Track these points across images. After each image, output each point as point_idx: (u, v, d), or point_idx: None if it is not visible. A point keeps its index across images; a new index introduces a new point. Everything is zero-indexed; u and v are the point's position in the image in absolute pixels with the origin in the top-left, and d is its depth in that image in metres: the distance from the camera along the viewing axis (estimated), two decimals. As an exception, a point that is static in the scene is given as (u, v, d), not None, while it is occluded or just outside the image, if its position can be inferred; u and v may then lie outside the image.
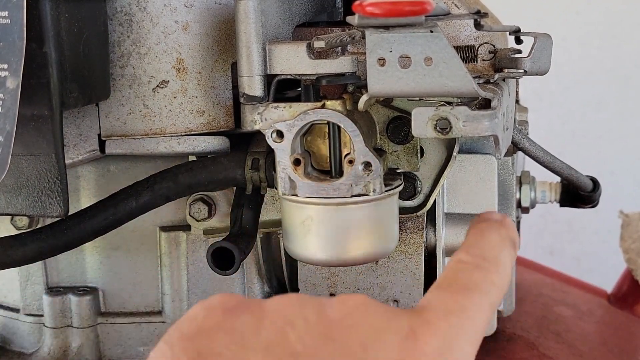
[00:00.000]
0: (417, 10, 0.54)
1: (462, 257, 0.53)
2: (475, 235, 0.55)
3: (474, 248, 0.54)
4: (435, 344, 0.47)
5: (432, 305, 0.50)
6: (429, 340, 0.47)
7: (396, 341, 0.47)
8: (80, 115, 0.68)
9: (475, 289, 0.51)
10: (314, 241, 0.63)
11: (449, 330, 0.48)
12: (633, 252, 1.05)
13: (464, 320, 0.49)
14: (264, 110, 0.63)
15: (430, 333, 0.48)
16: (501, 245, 0.55)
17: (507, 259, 0.54)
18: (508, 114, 0.67)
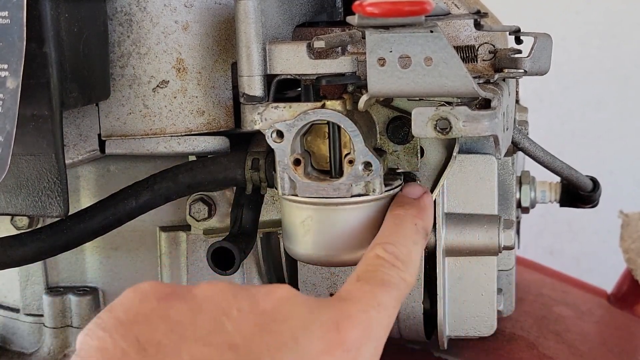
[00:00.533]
0: (417, 10, 0.54)
1: (379, 252, 0.58)
2: (391, 227, 0.60)
3: (390, 245, 0.58)
4: (355, 335, 0.51)
5: (354, 298, 0.54)
6: (350, 331, 0.51)
7: (322, 333, 0.51)
8: (80, 115, 0.68)
9: (391, 286, 0.56)
10: (314, 241, 0.63)
11: (368, 323, 0.53)
12: (633, 252, 1.05)
13: (380, 313, 0.54)
14: (264, 110, 0.63)
15: (351, 325, 0.51)
16: (414, 239, 0.60)
17: (418, 254, 0.60)
18: (508, 114, 0.67)
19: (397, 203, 0.63)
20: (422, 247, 0.61)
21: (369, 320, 0.53)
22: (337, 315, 0.52)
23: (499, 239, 0.72)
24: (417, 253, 0.60)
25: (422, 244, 0.61)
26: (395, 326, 0.76)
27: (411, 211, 0.62)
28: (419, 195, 0.64)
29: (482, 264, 0.74)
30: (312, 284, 0.76)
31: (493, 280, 0.74)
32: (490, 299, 0.74)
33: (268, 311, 0.51)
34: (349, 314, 0.52)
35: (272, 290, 0.52)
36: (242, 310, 0.50)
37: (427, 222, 0.63)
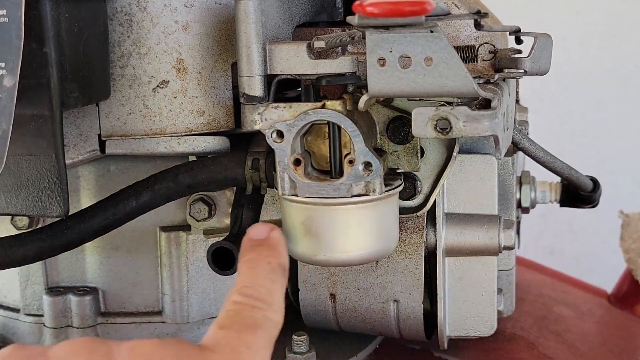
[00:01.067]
0: (417, 11, 0.54)
1: (238, 298, 0.57)
2: (246, 272, 0.59)
3: (247, 288, 0.57)
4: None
5: (220, 345, 0.53)
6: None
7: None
8: (81, 115, 0.68)
9: (256, 327, 0.55)
10: (314, 241, 0.63)
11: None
12: (633, 252, 1.05)
13: (250, 356, 0.53)
14: (264, 110, 0.63)
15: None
16: (272, 278, 0.59)
17: (278, 291, 0.58)
18: (508, 114, 0.67)
19: (246, 248, 0.61)
20: (283, 284, 0.60)
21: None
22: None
23: (499, 239, 0.72)
24: (277, 291, 0.58)
25: (281, 282, 0.59)
26: (395, 326, 0.76)
27: (262, 252, 0.60)
28: (266, 234, 0.62)
29: (482, 264, 0.74)
30: (312, 284, 0.76)
31: (493, 280, 0.74)
32: (490, 299, 0.74)
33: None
34: None
35: (134, 346, 0.52)
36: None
37: (281, 259, 0.61)
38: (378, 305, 0.75)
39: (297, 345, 0.72)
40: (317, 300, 0.76)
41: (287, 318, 0.84)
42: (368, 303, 0.75)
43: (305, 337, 0.72)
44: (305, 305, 0.77)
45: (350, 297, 0.75)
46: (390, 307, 0.75)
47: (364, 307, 0.75)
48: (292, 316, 0.84)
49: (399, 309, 0.74)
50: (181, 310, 0.78)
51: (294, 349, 0.72)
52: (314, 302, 0.76)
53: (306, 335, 0.72)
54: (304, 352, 0.72)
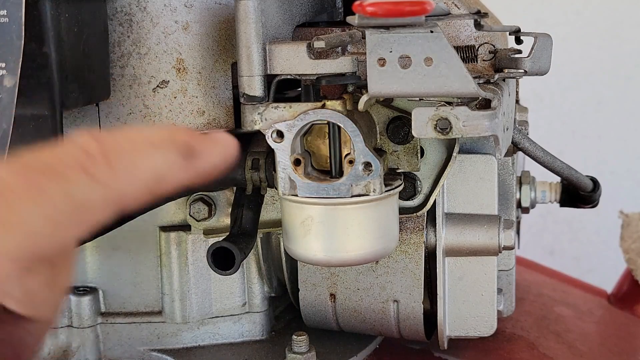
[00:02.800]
0: (417, 11, 0.54)
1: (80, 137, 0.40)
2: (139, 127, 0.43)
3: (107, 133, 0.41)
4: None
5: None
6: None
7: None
8: (81, 116, 0.68)
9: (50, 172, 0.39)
10: (314, 241, 0.63)
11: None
12: (633, 252, 1.05)
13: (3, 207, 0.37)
14: (264, 110, 0.63)
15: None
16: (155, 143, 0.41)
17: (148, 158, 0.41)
18: (508, 114, 0.67)
19: None
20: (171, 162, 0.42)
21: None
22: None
23: (499, 239, 0.72)
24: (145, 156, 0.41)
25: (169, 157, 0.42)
26: (395, 326, 0.76)
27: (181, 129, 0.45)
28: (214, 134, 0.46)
29: (482, 264, 0.74)
30: (312, 284, 0.76)
31: (493, 280, 0.74)
32: (490, 299, 0.74)
33: None
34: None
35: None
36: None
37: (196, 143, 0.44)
38: (378, 305, 0.75)
39: (297, 345, 0.72)
40: (317, 300, 0.76)
41: (287, 318, 0.84)
42: (368, 303, 0.75)
43: (305, 337, 0.72)
44: (305, 305, 0.77)
45: (350, 297, 0.75)
46: (390, 307, 0.75)
47: (364, 307, 0.75)
48: (292, 316, 0.84)
49: (399, 309, 0.74)
50: (181, 310, 0.78)
51: (294, 349, 0.72)
52: (314, 302, 0.76)
53: (306, 335, 0.72)
54: (304, 352, 0.72)
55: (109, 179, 0.39)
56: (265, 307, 0.80)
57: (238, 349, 0.78)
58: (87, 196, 0.39)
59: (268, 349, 0.78)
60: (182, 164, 0.42)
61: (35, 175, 0.38)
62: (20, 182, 0.38)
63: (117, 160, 0.39)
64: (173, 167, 0.42)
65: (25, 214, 0.37)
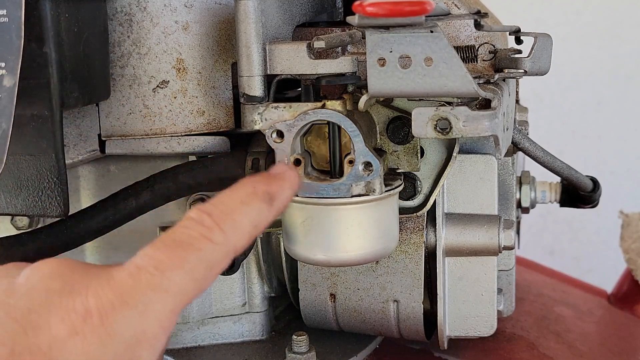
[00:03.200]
0: (417, 11, 0.54)
1: (191, 213, 0.51)
2: (227, 190, 0.53)
3: (208, 204, 0.51)
4: (104, 298, 0.46)
5: (130, 262, 0.48)
6: (96, 294, 0.46)
7: (59, 299, 0.46)
8: (80, 116, 0.68)
9: (184, 246, 0.49)
10: (314, 241, 0.63)
11: (134, 287, 0.47)
12: (633, 252, 1.05)
13: (156, 276, 0.47)
14: (264, 110, 0.63)
15: (104, 291, 0.47)
16: (244, 200, 0.52)
17: (245, 214, 0.51)
18: (508, 114, 0.67)
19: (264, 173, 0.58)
20: (260, 211, 0.53)
21: (132, 283, 0.47)
22: (89, 281, 0.47)
23: (499, 239, 0.72)
24: (242, 213, 0.51)
25: (257, 207, 0.52)
26: (395, 326, 0.76)
27: (257, 177, 0.55)
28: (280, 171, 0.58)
29: (482, 264, 0.74)
30: (312, 284, 0.76)
31: (493, 280, 0.74)
32: (490, 299, 0.74)
33: (18, 286, 0.48)
34: (107, 277, 0.47)
35: (38, 265, 0.49)
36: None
37: (273, 188, 0.54)
38: (378, 305, 0.75)
39: (297, 345, 0.72)
40: (317, 300, 0.76)
41: (287, 318, 0.84)
42: (368, 303, 0.75)
43: (305, 337, 0.72)
44: (305, 305, 0.77)
45: (350, 297, 0.75)
46: (390, 307, 0.75)
47: (364, 307, 0.75)
48: (292, 316, 0.84)
49: (399, 309, 0.74)
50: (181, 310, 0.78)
51: (294, 349, 0.72)
52: (314, 302, 0.76)
53: (306, 335, 0.72)
54: (304, 352, 0.72)
55: (225, 240, 0.50)
56: (265, 307, 0.80)
57: (238, 349, 0.78)
58: (214, 257, 0.50)
59: (268, 349, 0.78)
60: (268, 209, 0.53)
61: (175, 250, 0.48)
62: (166, 256, 0.48)
63: (225, 225, 0.50)
64: (262, 214, 0.53)
65: (178, 279, 0.48)
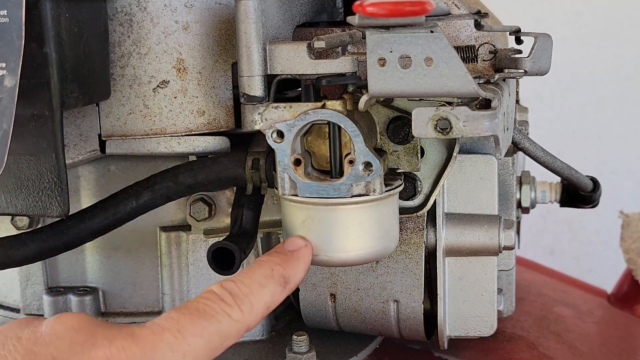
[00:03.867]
0: (417, 11, 0.54)
1: (214, 287, 0.56)
2: (247, 268, 0.59)
3: (229, 282, 0.57)
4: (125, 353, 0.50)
5: (152, 322, 0.53)
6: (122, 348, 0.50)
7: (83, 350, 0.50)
8: (81, 115, 0.68)
9: (206, 317, 0.54)
10: (314, 241, 0.63)
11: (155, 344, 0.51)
12: (633, 252, 1.05)
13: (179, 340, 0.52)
14: (264, 110, 0.63)
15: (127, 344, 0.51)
16: (263, 282, 0.58)
17: (262, 297, 0.57)
18: (508, 114, 0.67)
19: (268, 252, 0.62)
20: (274, 293, 0.58)
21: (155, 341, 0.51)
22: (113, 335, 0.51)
23: (499, 239, 0.72)
24: (259, 295, 0.57)
25: (273, 290, 0.58)
26: (395, 326, 0.76)
27: (274, 258, 0.60)
28: (295, 247, 0.62)
29: (482, 264, 0.74)
30: (312, 284, 0.76)
31: (493, 280, 0.74)
32: (490, 299, 0.74)
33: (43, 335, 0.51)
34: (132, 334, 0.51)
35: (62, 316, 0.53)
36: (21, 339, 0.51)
37: (288, 271, 0.59)
38: (378, 305, 0.75)
39: (297, 345, 0.72)
40: (317, 300, 0.76)
41: (287, 318, 0.84)
42: (368, 303, 0.75)
43: (305, 337, 0.72)
44: (305, 305, 0.77)
45: (350, 297, 0.75)
46: (390, 307, 0.75)
47: (364, 307, 0.75)
48: (292, 316, 0.84)
49: (399, 309, 0.74)
50: (181, 310, 0.78)
51: (294, 349, 0.72)
52: (314, 302, 0.76)
53: (306, 335, 0.72)
54: (304, 352, 0.72)
55: (242, 319, 0.55)
56: (265, 307, 0.80)
57: (238, 349, 0.78)
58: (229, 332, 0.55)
59: (268, 349, 0.78)
60: (281, 291, 0.58)
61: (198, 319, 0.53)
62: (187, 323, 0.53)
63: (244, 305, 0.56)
64: (275, 297, 0.58)
65: (195, 345, 0.52)
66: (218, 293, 0.56)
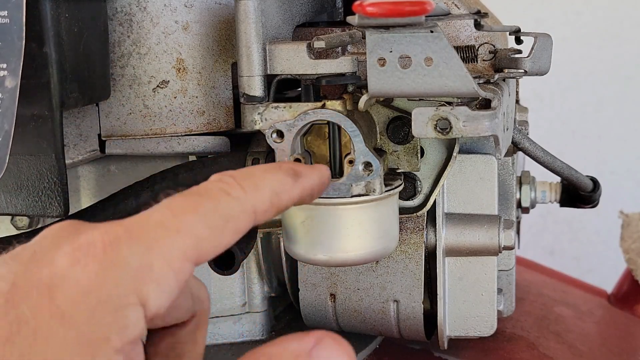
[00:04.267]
0: (417, 11, 0.54)
1: (213, 176, 0.50)
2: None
3: (232, 170, 0.51)
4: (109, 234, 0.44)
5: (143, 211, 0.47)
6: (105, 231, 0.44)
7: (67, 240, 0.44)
8: (81, 115, 0.68)
9: (199, 194, 0.48)
10: (314, 241, 0.63)
11: (143, 223, 0.45)
12: (633, 252, 1.05)
13: (169, 217, 0.46)
14: (264, 110, 0.63)
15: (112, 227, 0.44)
16: (268, 170, 0.52)
17: (267, 180, 0.51)
18: (508, 114, 0.67)
19: None
20: (282, 181, 0.52)
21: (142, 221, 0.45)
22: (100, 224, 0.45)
23: (499, 239, 0.72)
24: (264, 179, 0.51)
25: (280, 177, 0.52)
26: (395, 326, 0.76)
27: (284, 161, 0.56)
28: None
29: (482, 264, 0.74)
30: (312, 284, 0.76)
31: (493, 280, 0.74)
32: (490, 299, 0.74)
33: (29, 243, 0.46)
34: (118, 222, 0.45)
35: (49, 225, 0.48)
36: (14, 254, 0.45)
37: (300, 168, 0.55)
38: (378, 305, 0.75)
39: (297, 345, 0.72)
40: (317, 300, 0.76)
41: (287, 318, 0.84)
42: (368, 303, 0.75)
43: (305, 337, 0.72)
44: (305, 305, 0.77)
45: (350, 297, 0.75)
46: (390, 307, 0.75)
47: (364, 307, 0.75)
48: (292, 316, 0.84)
49: (399, 309, 0.74)
50: (181, 310, 0.78)
51: (294, 349, 0.72)
52: (314, 302, 0.76)
53: (306, 335, 0.72)
54: (304, 352, 0.72)
55: (243, 196, 0.49)
56: (265, 307, 0.80)
57: (238, 349, 0.78)
58: (230, 209, 0.48)
59: (268, 349, 0.78)
60: (291, 182, 0.53)
61: (192, 197, 0.48)
62: (182, 201, 0.47)
63: (246, 183, 0.50)
64: (285, 184, 0.53)
65: (190, 222, 0.46)
66: (215, 177, 0.50)
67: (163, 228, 0.45)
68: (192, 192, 0.48)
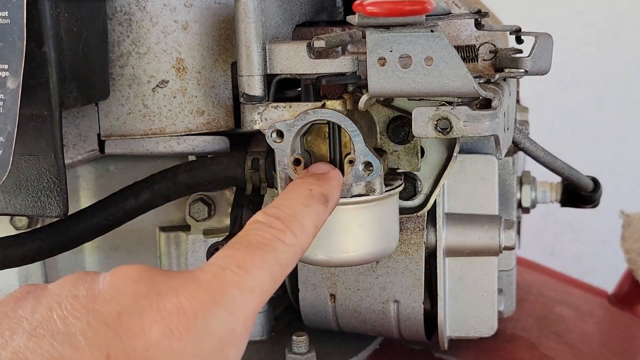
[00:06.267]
0: (417, 10, 0.54)
1: (258, 217, 0.54)
2: (281, 195, 0.57)
3: (273, 208, 0.55)
4: (197, 300, 0.48)
5: (209, 265, 0.50)
6: (188, 297, 0.48)
7: (149, 302, 0.47)
8: (80, 115, 0.68)
9: (261, 247, 0.51)
10: (314, 241, 0.63)
11: (216, 286, 0.48)
12: (634, 253, 1.05)
13: (241, 276, 0.49)
14: (264, 110, 0.63)
15: (190, 290, 0.48)
16: (305, 202, 0.56)
17: (308, 216, 0.55)
18: (509, 114, 0.67)
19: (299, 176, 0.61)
20: (319, 212, 0.56)
21: (220, 283, 0.48)
22: (176, 283, 0.48)
23: (499, 239, 0.72)
24: (306, 216, 0.55)
25: (316, 209, 0.56)
26: (395, 327, 0.76)
27: (308, 179, 0.59)
28: (324, 170, 0.61)
29: (482, 264, 0.74)
30: (312, 284, 0.76)
31: (494, 281, 0.74)
32: (490, 300, 0.74)
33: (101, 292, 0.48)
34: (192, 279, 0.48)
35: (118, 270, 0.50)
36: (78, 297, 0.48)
37: (326, 189, 0.58)
38: (378, 305, 0.75)
39: (297, 346, 0.72)
40: (317, 301, 0.76)
41: (287, 318, 0.84)
42: (368, 303, 0.75)
43: (305, 337, 0.72)
44: (305, 305, 0.77)
45: (350, 298, 0.75)
46: (390, 307, 0.75)
47: (364, 307, 0.75)
48: (292, 316, 0.84)
49: (399, 310, 0.74)
50: (181, 310, 0.78)
51: (294, 349, 0.72)
52: (314, 302, 0.76)
53: (306, 335, 0.72)
54: (304, 352, 0.72)
55: (295, 242, 0.53)
56: (265, 307, 0.80)
57: (238, 350, 0.78)
58: (287, 258, 0.52)
59: (268, 349, 0.78)
60: (324, 210, 0.57)
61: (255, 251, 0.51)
62: (247, 257, 0.50)
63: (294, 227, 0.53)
64: (321, 215, 0.56)
65: (260, 280, 0.50)
66: (265, 221, 0.53)
67: (240, 290, 0.49)
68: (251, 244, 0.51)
